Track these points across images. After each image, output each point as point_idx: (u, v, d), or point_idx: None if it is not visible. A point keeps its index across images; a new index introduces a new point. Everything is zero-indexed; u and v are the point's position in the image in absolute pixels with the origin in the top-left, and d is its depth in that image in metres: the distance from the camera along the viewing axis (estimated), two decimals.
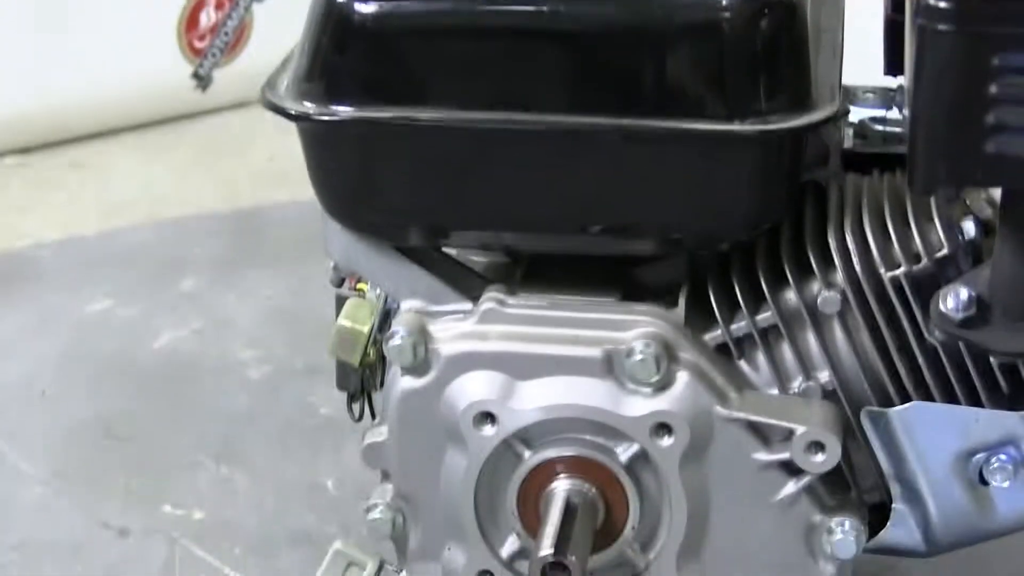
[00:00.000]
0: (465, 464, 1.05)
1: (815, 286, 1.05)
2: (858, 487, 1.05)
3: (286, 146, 1.02)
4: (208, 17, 3.39)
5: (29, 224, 2.96)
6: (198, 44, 3.39)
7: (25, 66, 3.21)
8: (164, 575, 1.32)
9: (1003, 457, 1.02)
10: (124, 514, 1.38)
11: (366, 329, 1.07)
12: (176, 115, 3.41)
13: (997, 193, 1.01)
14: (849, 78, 1.10)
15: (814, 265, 1.06)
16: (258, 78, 1.06)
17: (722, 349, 1.07)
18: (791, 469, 1.02)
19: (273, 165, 3.12)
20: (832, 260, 1.05)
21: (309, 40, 1.01)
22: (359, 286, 1.10)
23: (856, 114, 1.15)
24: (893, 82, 1.15)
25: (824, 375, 1.05)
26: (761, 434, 1.03)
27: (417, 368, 1.05)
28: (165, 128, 3.35)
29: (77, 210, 3.03)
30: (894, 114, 1.14)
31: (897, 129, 1.12)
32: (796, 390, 1.06)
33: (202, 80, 3.41)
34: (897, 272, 1.03)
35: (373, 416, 1.12)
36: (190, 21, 3.37)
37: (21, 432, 1.51)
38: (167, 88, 3.40)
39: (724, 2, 0.98)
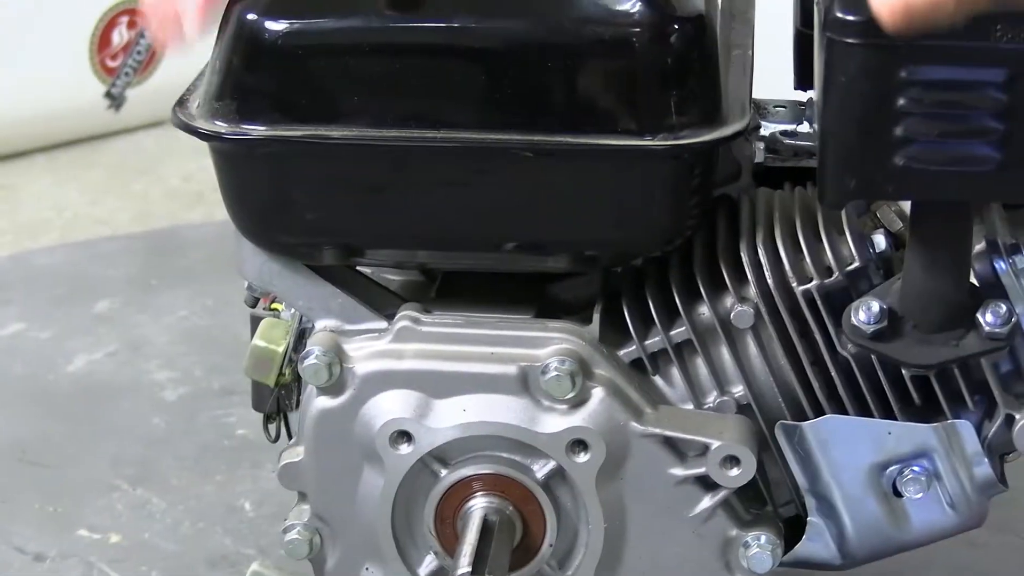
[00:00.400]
0: (382, 483, 1.06)
1: (728, 300, 1.06)
2: (773, 501, 1.05)
3: (201, 166, 1.02)
4: (120, 36, 3.37)
5: None
6: (110, 63, 3.38)
7: None
8: None
9: (916, 469, 1.03)
10: (39, 538, 1.38)
11: (281, 349, 1.07)
12: (89, 135, 3.39)
13: (907, 206, 1.02)
14: (759, 92, 1.11)
15: (727, 279, 1.06)
16: (172, 97, 1.06)
17: (637, 365, 1.07)
18: (707, 484, 1.02)
19: (187, 185, 3.11)
20: (745, 274, 1.06)
21: (220, 59, 1.01)
22: (274, 306, 1.10)
23: (767, 128, 1.15)
24: (803, 96, 1.15)
25: (738, 389, 1.06)
26: (677, 449, 1.03)
27: (332, 388, 1.05)
28: (78, 149, 3.34)
29: None
30: (804, 128, 1.15)
31: (808, 143, 1.12)
32: (711, 405, 1.06)
33: (115, 100, 3.40)
34: (809, 286, 1.03)
35: (290, 436, 1.11)
36: (102, 40, 3.35)
37: None
38: (79, 108, 3.38)
39: (633, 18, 0.98)
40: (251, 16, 1.00)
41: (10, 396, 1.60)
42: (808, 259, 1.05)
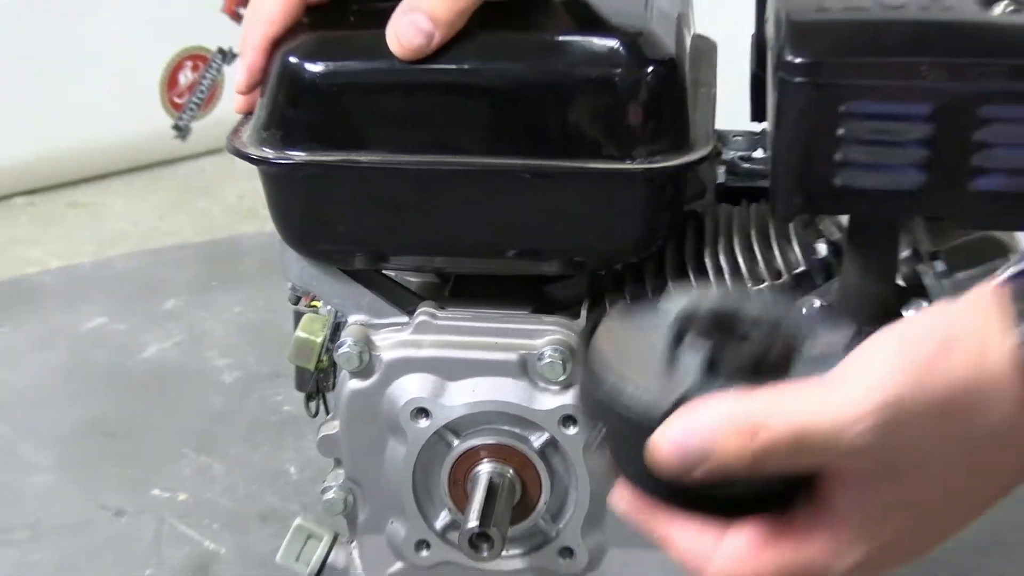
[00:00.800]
0: (404, 452, 1.05)
1: None
2: None
3: (252, 187, 1.01)
4: (185, 77, 3.36)
5: (35, 254, 2.94)
6: (177, 100, 3.37)
7: (30, 120, 3.18)
8: (153, 548, 1.30)
9: None
10: (119, 497, 1.37)
11: (320, 339, 1.06)
12: (159, 161, 3.39)
13: (845, 219, 1.01)
14: (721, 123, 1.10)
15: (693, 281, 1.05)
16: (228, 128, 1.05)
17: None
18: None
19: (242, 203, 3.10)
20: (708, 276, 1.05)
21: (267, 95, 1.01)
22: (313, 303, 1.09)
23: (727, 154, 1.15)
24: (757, 127, 1.15)
25: None
26: None
27: (362, 372, 1.04)
28: (150, 172, 3.33)
29: (75, 242, 3.00)
30: (759, 154, 1.14)
31: (761, 167, 1.12)
32: None
33: (181, 131, 3.39)
34: (762, 286, 1.03)
35: (327, 412, 1.11)
36: (171, 80, 3.34)
37: (31, 430, 1.50)
38: (151, 138, 3.38)
39: (615, 62, 0.98)
40: (293, 59, 0.99)
41: (93, 379, 1.59)
42: (761, 264, 1.04)
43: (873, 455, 0.75)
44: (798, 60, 0.93)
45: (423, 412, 1.04)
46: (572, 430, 1.03)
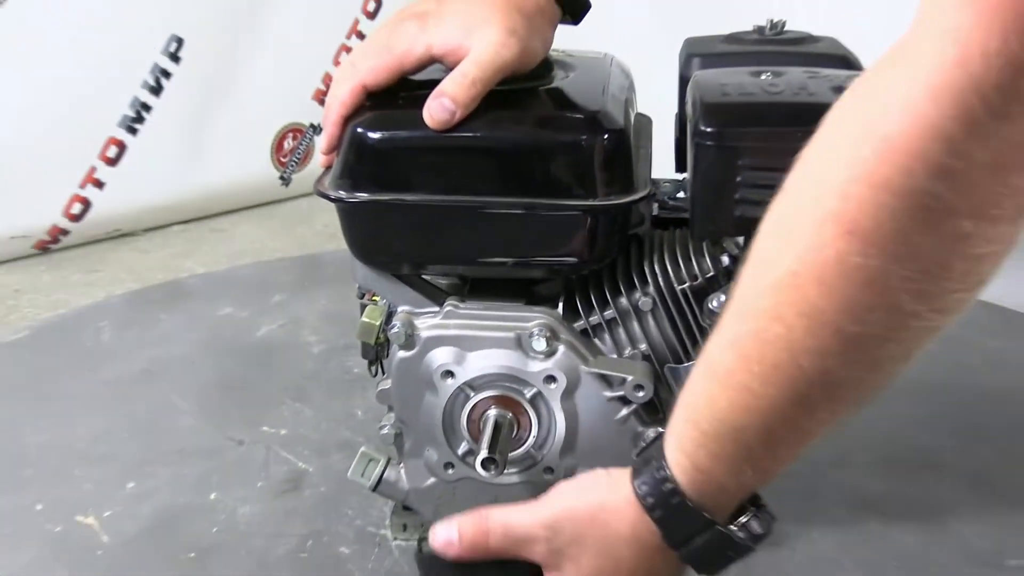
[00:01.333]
0: (436, 401, 1.04)
1: (637, 294, 1.04)
2: (664, 412, 1.03)
3: (332, 218, 1.01)
4: (288, 143, 3.38)
5: (186, 264, 2.95)
6: (283, 159, 3.38)
7: (184, 172, 3.19)
8: (263, 467, 1.30)
9: None
10: (240, 432, 1.37)
11: (378, 323, 1.05)
12: (271, 200, 3.40)
13: (742, 239, 1.00)
14: (655, 173, 1.10)
15: (636, 282, 1.04)
16: (316, 178, 1.06)
17: (585, 332, 1.05)
18: (624, 401, 1.00)
19: (326, 229, 3.12)
20: (647, 279, 1.04)
21: (341, 155, 1.00)
22: (373, 298, 1.08)
23: (660, 195, 1.14)
24: (679, 176, 1.14)
25: (643, 347, 1.04)
26: (607, 381, 1.01)
27: (407, 345, 1.03)
28: (265, 208, 3.35)
29: (214, 256, 3.01)
30: (682, 194, 1.13)
31: (683, 204, 1.11)
32: (627, 355, 1.05)
33: (285, 180, 3.40)
34: (684, 286, 1.02)
35: (383, 373, 1.10)
36: (279, 145, 3.36)
37: (181, 385, 1.49)
38: (266, 185, 3.39)
39: (583, 130, 0.98)
40: (360, 129, 0.99)
41: (223, 351, 1.59)
42: (683, 270, 1.03)
43: (548, 546, 0.87)
44: (709, 129, 0.94)
45: (449, 373, 1.03)
46: (553, 386, 1.02)
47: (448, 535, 0.90)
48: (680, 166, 1.15)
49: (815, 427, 0.75)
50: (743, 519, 0.82)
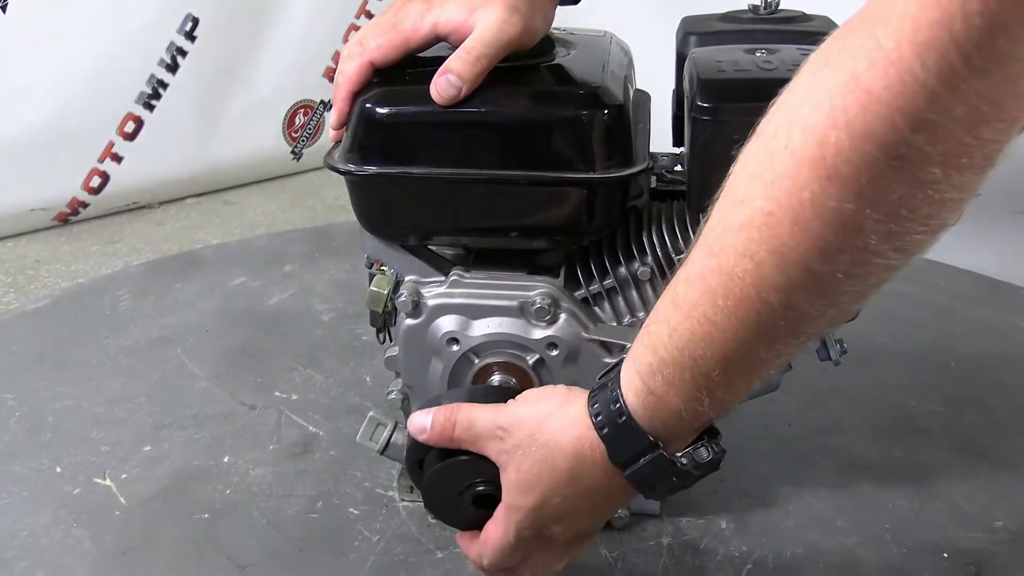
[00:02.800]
0: (442, 367, 1.04)
1: (636, 264, 1.04)
2: None
3: (342, 191, 1.00)
4: (300, 119, 3.37)
5: (200, 235, 2.94)
6: (294, 134, 3.37)
7: (199, 146, 3.19)
8: (275, 431, 1.30)
9: None
10: (253, 397, 1.37)
11: (385, 291, 1.05)
12: (282, 174, 3.40)
13: None
14: (653, 147, 1.09)
15: (635, 252, 1.04)
16: (326, 152, 1.05)
17: (585, 301, 1.05)
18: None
19: (336, 201, 3.11)
20: (645, 249, 1.04)
21: (350, 129, 1.00)
22: (381, 267, 1.08)
23: (658, 168, 1.14)
24: (677, 150, 1.14)
25: (641, 315, 1.04)
26: (607, 347, 1.02)
27: (414, 313, 1.03)
28: (276, 182, 3.34)
29: (228, 228, 3.01)
30: (679, 168, 1.13)
31: (680, 176, 1.10)
32: (626, 323, 1.05)
33: (296, 155, 3.40)
34: (681, 256, 1.00)
35: (391, 340, 1.10)
36: (290, 121, 3.35)
37: (196, 352, 1.49)
38: (278, 159, 3.39)
39: (585, 106, 0.97)
40: (368, 105, 0.99)
41: (236, 318, 1.58)
42: (680, 240, 1.03)
43: (499, 446, 0.89)
44: (705, 105, 0.94)
45: (454, 340, 1.03)
46: (554, 352, 1.02)
47: (423, 421, 0.93)
48: (677, 140, 1.15)
49: (772, 359, 0.76)
50: (692, 447, 0.83)
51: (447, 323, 1.04)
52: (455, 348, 1.04)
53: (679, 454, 0.83)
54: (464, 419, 0.91)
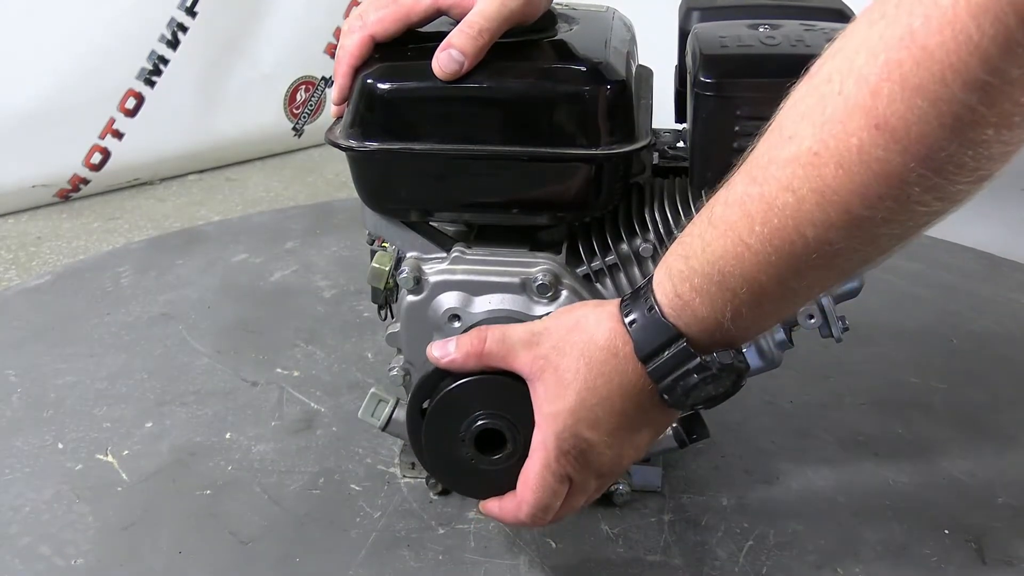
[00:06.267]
0: None
1: (637, 241, 1.04)
2: None
3: (343, 167, 1.00)
4: (301, 95, 3.36)
5: (202, 212, 2.94)
6: (295, 111, 3.36)
7: (201, 122, 3.19)
8: (277, 407, 1.30)
9: None
10: (255, 373, 1.37)
11: (387, 268, 1.05)
12: (283, 150, 3.40)
13: None
14: (655, 123, 1.09)
15: (637, 228, 1.04)
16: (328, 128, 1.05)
17: (587, 277, 1.05)
18: None
19: (338, 178, 3.11)
20: (647, 225, 1.04)
21: (351, 105, 1.00)
22: (383, 244, 1.08)
23: (660, 144, 1.14)
24: (679, 126, 1.14)
25: None
26: None
27: (415, 290, 1.03)
28: (278, 158, 3.33)
29: (229, 204, 3.00)
30: (681, 144, 1.13)
31: (683, 153, 1.10)
32: None
33: (298, 131, 3.39)
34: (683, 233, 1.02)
35: (392, 317, 1.10)
36: (292, 97, 3.34)
37: (198, 328, 1.49)
38: (279, 135, 3.38)
39: (587, 81, 0.97)
40: (369, 80, 0.98)
41: (239, 294, 1.59)
42: (682, 217, 1.03)
43: (534, 353, 0.90)
44: (708, 80, 0.94)
45: (456, 317, 1.03)
46: None
47: (445, 348, 0.95)
48: (680, 116, 1.15)
49: (802, 290, 0.78)
50: (715, 352, 0.85)
51: (449, 299, 1.03)
52: (457, 325, 1.03)
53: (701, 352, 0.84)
54: (497, 332, 0.92)
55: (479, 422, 0.95)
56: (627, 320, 0.85)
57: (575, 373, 0.87)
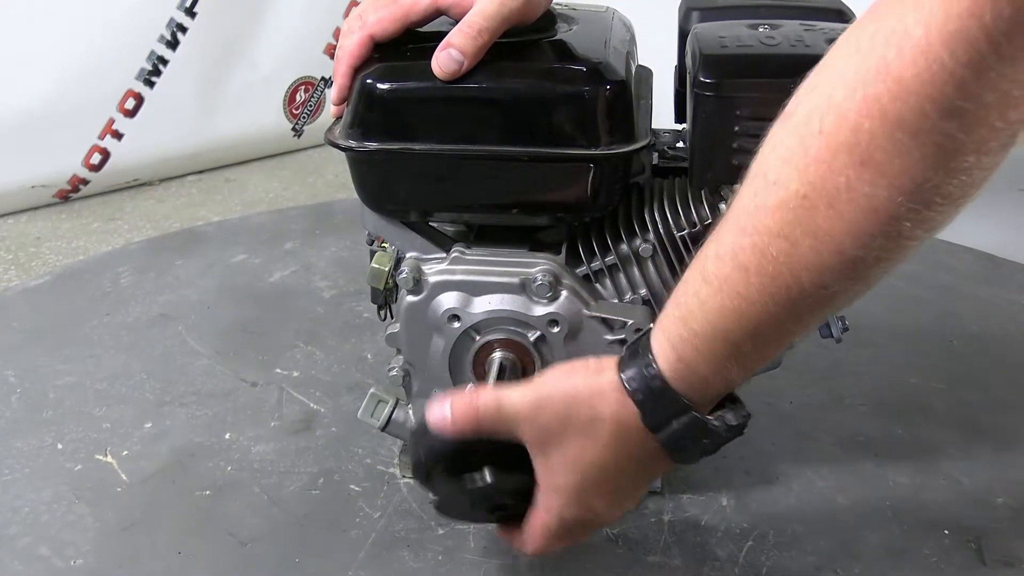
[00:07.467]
0: (443, 344, 1.04)
1: (637, 241, 1.04)
2: None
3: (343, 168, 1.00)
4: (301, 96, 3.37)
5: (201, 212, 2.94)
6: (295, 111, 3.37)
7: (198, 120, 3.19)
8: (276, 408, 1.30)
9: None
10: (254, 374, 1.37)
11: (387, 268, 1.05)
12: (283, 151, 3.40)
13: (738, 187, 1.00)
14: (655, 123, 1.09)
15: (637, 229, 1.04)
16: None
17: (586, 278, 1.05)
18: (623, 343, 1.00)
19: (337, 179, 3.12)
20: (647, 226, 1.04)
21: (351, 105, 1.00)
22: (382, 244, 1.08)
23: (659, 144, 1.14)
24: (679, 126, 1.14)
25: (643, 292, 1.04)
26: (608, 324, 1.02)
27: (415, 290, 1.03)
28: (277, 159, 3.34)
29: (229, 205, 3.01)
30: (681, 144, 1.13)
31: (683, 153, 1.10)
32: (628, 300, 1.05)
33: (297, 132, 3.39)
34: (683, 233, 1.02)
35: (392, 317, 1.10)
36: (291, 98, 3.35)
37: (197, 329, 1.49)
38: (279, 136, 3.38)
39: (587, 81, 0.97)
40: (369, 80, 0.99)
41: (238, 295, 1.58)
42: (682, 217, 1.03)
43: (533, 424, 0.87)
44: (708, 80, 0.94)
45: (456, 317, 1.03)
46: (555, 329, 1.02)
47: (442, 411, 0.88)
48: (680, 117, 1.15)
49: (801, 329, 0.79)
50: (720, 412, 0.85)
51: (448, 300, 1.04)
52: (456, 325, 1.04)
53: (709, 416, 0.84)
54: (490, 402, 0.88)
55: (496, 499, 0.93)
56: (630, 389, 0.83)
57: (580, 450, 0.86)
